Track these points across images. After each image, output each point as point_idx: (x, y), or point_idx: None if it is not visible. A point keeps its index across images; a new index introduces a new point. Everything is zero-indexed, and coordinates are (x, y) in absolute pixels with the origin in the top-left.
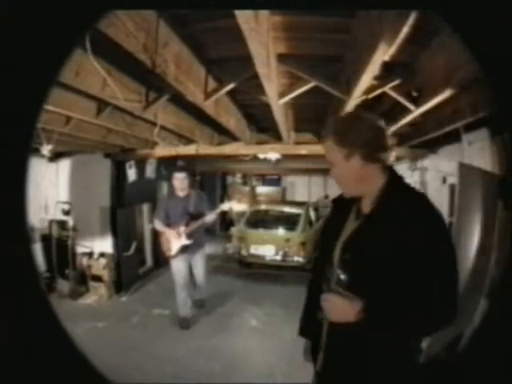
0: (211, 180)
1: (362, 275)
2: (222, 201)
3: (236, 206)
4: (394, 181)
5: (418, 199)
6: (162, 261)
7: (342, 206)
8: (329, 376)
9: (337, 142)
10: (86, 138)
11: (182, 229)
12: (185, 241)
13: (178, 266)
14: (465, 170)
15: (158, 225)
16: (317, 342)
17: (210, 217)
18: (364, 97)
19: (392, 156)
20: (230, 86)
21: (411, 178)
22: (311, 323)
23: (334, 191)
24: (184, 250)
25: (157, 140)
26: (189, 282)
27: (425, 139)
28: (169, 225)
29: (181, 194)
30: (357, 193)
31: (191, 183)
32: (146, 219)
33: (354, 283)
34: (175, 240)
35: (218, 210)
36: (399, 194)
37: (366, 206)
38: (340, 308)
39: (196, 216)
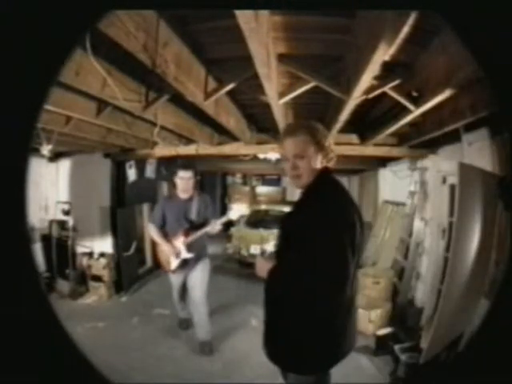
0: (211, 180)
1: (281, 245)
2: (222, 200)
3: (244, 211)
4: (323, 175)
5: (332, 192)
6: None
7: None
8: (266, 330)
9: (313, 140)
10: (86, 138)
11: (181, 240)
12: (185, 254)
13: (175, 281)
14: (465, 169)
15: (154, 232)
16: None
17: (215, 227)
18: (364, 97)
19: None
20: (230, 86)
21: (411, 178)
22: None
23: None
24: (184, 263)
25: (157, 140)
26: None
27: (425, 139)
28: (165, 232)
29: (183, 196)
30: (307, 184)
31: (196, 184)
32: (146, 219)
33: (278, 251)
34: (174, 254)
35: (225, 219)
36: (321, 186)
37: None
38: (258, 266)
39: (198, 224)
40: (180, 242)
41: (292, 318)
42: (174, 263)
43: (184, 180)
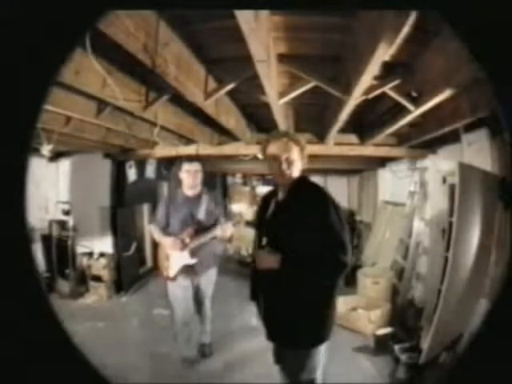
0: (211, 181)
1: (278, 239)
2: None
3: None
4: (301, 178)
5: (316, 188)
6: None
7: (267, 199)
8: (268, 317)
9: (298, 147)
10: (86, 138)
11: (187, 241)
12: (188, 259)
13: (176, 293)
14: (465, 169)
15: (156, 233)
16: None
17: (227, 230)
18: (364, 97)
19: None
20: (230, 86)
21: (411, 178)
22: (256, 288)
23: (334, 190)
24: (187, 270)
25: (157, 140)
26: (192, 315)
27: (425, 139)
28: (169, 235)
29: (189, 193)
30: (290, 183)
31: (204, 179)
32: (146, 220)
33: (273, 245)
34: (176, 256)
35: (238, 219)
36: (303, 185)
37: (281, 196)
38: (266, 258)
39: (207, 225)
40: (185, 244)
41: (299, 300)
42: (175, 268)
43: (191, 173)
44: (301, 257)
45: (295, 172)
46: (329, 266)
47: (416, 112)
